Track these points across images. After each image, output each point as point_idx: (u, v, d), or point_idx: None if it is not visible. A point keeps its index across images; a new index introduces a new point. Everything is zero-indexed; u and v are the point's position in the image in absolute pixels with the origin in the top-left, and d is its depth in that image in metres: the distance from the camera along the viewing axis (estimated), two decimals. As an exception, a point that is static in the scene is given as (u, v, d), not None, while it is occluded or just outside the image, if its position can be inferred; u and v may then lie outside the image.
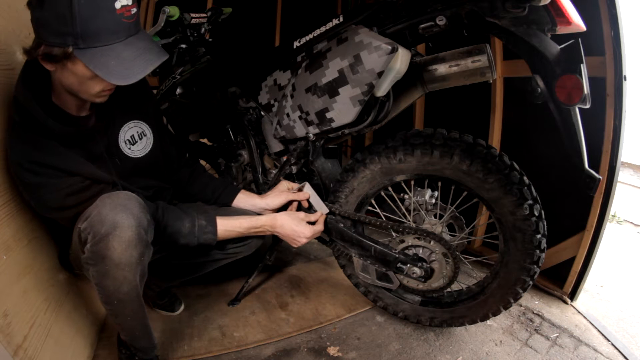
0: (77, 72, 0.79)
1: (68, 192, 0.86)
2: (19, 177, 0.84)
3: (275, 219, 1.12)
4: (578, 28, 0.79)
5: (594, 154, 1.23)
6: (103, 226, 0.79)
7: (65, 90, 0.85)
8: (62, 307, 1.06)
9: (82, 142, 0.91)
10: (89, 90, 0.84)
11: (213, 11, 1.54)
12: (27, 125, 0.83)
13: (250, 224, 1.10)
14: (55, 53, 0.75)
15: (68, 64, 0.78)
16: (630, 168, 3.80)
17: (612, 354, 1.28)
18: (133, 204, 0.84)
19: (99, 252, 0.80)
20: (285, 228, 1.12)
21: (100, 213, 0.81)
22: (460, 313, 1.25)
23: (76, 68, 0.78)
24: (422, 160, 1.07)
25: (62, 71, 0.80)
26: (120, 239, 0.80)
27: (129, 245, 0.81)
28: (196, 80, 1.47)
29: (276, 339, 1.30)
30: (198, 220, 1.03)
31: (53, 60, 0.77)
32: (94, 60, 0.75)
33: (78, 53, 0.75)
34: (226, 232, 1.07)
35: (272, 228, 1.12)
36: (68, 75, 0.81)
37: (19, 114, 0.84)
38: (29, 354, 0.86)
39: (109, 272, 0.82)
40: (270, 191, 1.25)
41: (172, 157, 1.19)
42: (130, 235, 0.80)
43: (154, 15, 2.37)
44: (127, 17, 0.78)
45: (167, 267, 1.18)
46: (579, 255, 1.48)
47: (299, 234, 1.12)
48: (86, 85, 0.82)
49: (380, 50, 0.92)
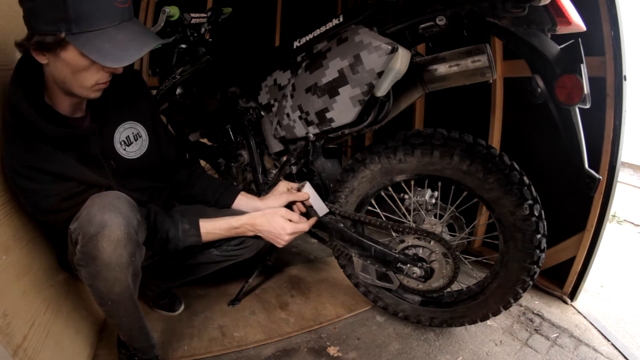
0: (71, 61, 0.77)
1: (63, 197, 0.85)
2: (13, 181, 0.83)
3: (255, 219, 1.09)
4: (578, 28, 0.79)
5: (594, 154, 1.23)
6: (92, 226, 0.78)
7: (59, 87, 0.84)
8: (62, 307, 1.06)
9: (76, 144, 0.90)
10: (84, 83, 0.81)
11: (213, 11, 1.54)
12: (20, 128, 0.82)
13: (230, 224, 1.07)
14: (48, 41, 0.73)
15: (61, 53, 0.76)
16: (630, 168, 3.80)
17: (612, 354, 1.28)
18: (122, 203, 0.82)
19: (88, 252, 0.79)
20: (265, 226, 1.08)
21: (89, 213, 0.80)
22: (460, 313, 1.25)
23: (69, 56, 0.76)
24: (422, 160, 1.07)
25: (55, 63, 0.78)
26: (109, 238, 0.78)
27: (118, 245, 0.79)
28: (196, 80, 1.47)
29: (276, 339, 1.30)
30: (182, 224, 1.02)
31: (46, 49, 0.75)
32: (88, 44, 0.74)
33: (71, 38, 0.73)
34: (208, 234, 1.04)
35: (252, 227, 1.09)
36: (61, 67, 0.78)
37: (12, 115, 0.82)
38: (28, 354, 0.86)
39: (100, 273, 0.81)
40: (270, 193, 1.23)
41: (170, 158, 1.17)
42: (119, 235, 0.79)
43: (154, 15, 2.36)
44: (120, 2, 0.77)
45: (168, 268, 1.18)
46: (579, 255, 1.48)
47: (279, 230, 1.08)
48: (80, 76, 0.80)
49: (380, 50, 0.92)
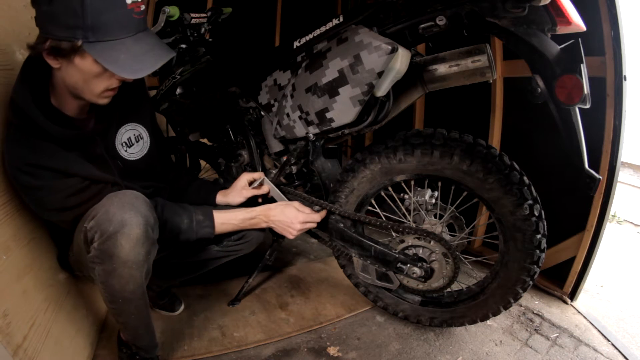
0: (84, 68, 0.78)
1: (68, 194, 0.86)
2: (17, 180, 0.84)
3: (269, 209, 1.14)
4: (578, 28, 0.79)
5: (594, 154, 1.23)
6: (111, 224, 0.79)
7: (68, 91, 0.85)
8: (62, 307, 1.06)
9: (82, 145, 0.91)
10: (94, 90, 0.83)
11: (213, 11, 1.54)
12: (24, 128, 0.82)
13: (245, 215, 1.12)
14: (64, 47, 0.74)
15: (75, 59, 0.77)
16: (630, 168, 3.80)
17: (612, 354, 1.28)
18: (140, 203, 0.84)
19: (106, 250, 0.80)
20: (279, 216, 1.14)
21: (108, 212, 0.81)
22: (460, 313, 1.25)
23: (83, 63, 0.77)
24: (422, 160, 1.07)
25: (67, 68, 0.79)
26: (128, 237, 0.80)
27: (137, 243, 0.81)
28: (196, 80, 1.47)
29: (276, 339, 1.30)
30: (196, 215, 1.05)
31: (60, 54, 0.76)
32: (104, 53, 0.75)
33: (87, 47, 0.74)
34: (222, 225, 1.08)
35: (266, 217, 1.14)
36: (73, 72, 0.79)
37: (17, 116, 0.83)
38: (28, 353, 0.86)
39: (115, 270, 0.82)
40: (232, 187, 1.25)
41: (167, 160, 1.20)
42: (138, 233, 0.81)
43: (154, 15, 2.36)
44: (137, 13, 0.78)
45: (167, 266, 1.18)
46: (579, 255, 1.48)
47: (292, 219, 1.14)
48: (91, 83, 0.81)
49: (380, 50, 0.92)
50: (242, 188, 1.24)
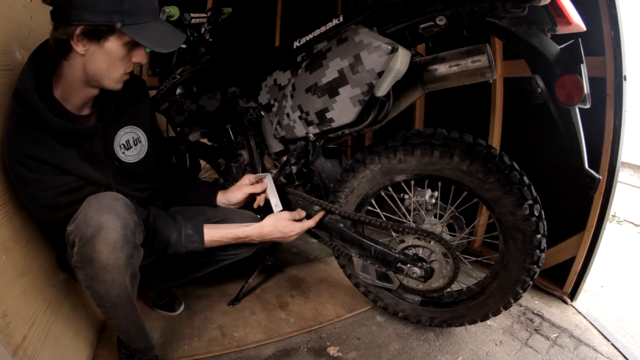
0: (112, 50, 0.84)
1: (61, 191, 0.86)
2: (13, 170, 0.84)
3: (262, 229, 1.12)
4: (578, 28, 0.79)
5: (594, 154, 1.23)
6: (88, 228, 0.78)
7: (83, 80, 0.87)
8: (62, 308, 1.06)
9: (79, 141, 0.91)
10: (113, 74, 0.88)
11: (213, 11, 1.54)
12: (25, 119, 0.83)
13: (237, 234, 1.10)
14: (101, 29, 0.81)
15: (105, 44, 0.83)
16: (630, 168, 3.80)
17: (612, 354, 1.28)
18: (119, 205, 0.83)
19: (85, 254, 0.79)
20: (273, 234, 1.13)
21: (86, 215, 0.80)
22: (460, 313, 1.25)
23: (113, 46, 0.84)
24: (422, 160, 1.07)
25: (95, 53, 0.84)
26: (106, 240, 0.78)
27: (115, 247, 0.80)
28: (196, 80, 1.47)
29: (276, 339, 1.30)
30: (185, 229, 1.02)
31: (94, 38, 0.82)
32: (139, 34, 0.84)
33: (125, 28, 0.82)
34: (213, 242, 1.06)
35: (259, 236, 1.12)
36: (99, 56, 0.84)
37: (20, 106, 0.83)
38: (28, 354, 0.86)
39: (97, 275, 0.81)
40: (233, 186, 1.27)
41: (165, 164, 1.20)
42: (116, 237, 0.79)
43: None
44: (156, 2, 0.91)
45: (167, 267, 1.18)
46: (579, 255, 1.48)
47: (288, 232, 1.15)
48: (113, 67, 0.87)
49: (380, 50, 0.92)
50: (243, 185, 1.25)
